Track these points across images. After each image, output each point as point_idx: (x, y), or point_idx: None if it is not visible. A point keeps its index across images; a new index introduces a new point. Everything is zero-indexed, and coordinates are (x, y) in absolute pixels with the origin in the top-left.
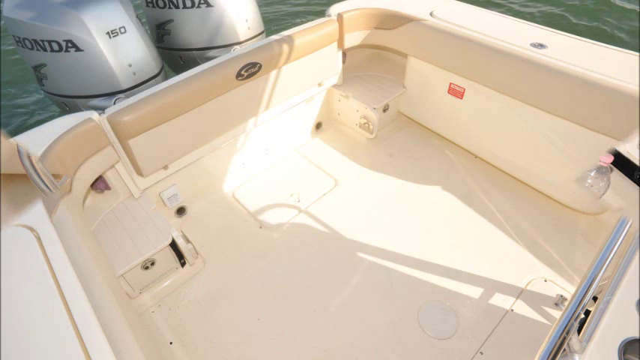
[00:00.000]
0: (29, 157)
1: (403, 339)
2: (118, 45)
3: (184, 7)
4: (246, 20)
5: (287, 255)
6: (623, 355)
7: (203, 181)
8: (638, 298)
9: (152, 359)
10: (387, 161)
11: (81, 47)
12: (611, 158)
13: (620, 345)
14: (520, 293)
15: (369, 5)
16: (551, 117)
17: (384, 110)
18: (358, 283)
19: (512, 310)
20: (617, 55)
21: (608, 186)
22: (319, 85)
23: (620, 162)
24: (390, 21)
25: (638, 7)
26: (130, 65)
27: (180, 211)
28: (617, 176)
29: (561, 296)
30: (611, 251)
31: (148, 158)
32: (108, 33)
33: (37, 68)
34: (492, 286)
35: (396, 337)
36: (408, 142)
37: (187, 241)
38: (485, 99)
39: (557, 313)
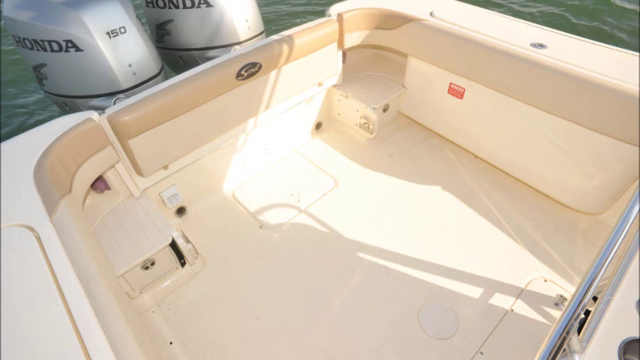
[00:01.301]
0: None
1: (403, 339)
2: (118, 45)
3: (184, 7)
4: (246, 20)
5: (287, 255)
6: (623, 355)
7: (203, 181)
8: (638, 298)
9: (152, 359)
10: (387, 161)
11: (81, 47)
12: None
13: (620, 345)
14: (520, 293)
15: (369, 5)
16: (551, 117)
17: (384, 110)
18: (358, 283)
19: (512, 310)
20: (617, 55)
21: None
22: (319, 85)
23: None
24: (390, 21)
25: (638, 7)
26: (130, 65)
27: (180, 211)
28: None
29: (561, 296)
30: (611, 251)
31: (147, 158)
32: (108, 33)
33: (37, 68)
34: (492, 286)
35: (396, 337)
36: (408, 142)
37: (187, 241)
38: (485, 99)
39: (557, 313)
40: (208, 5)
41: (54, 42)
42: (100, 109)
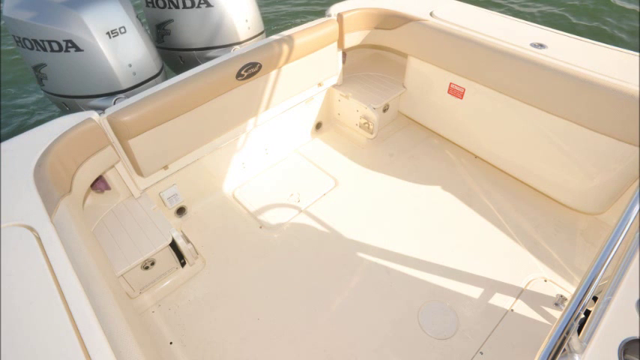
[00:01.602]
0: None
1: (403, 339)
2: (118, 45)
3: (184, 7)
4: (246, 20)
5: (287, 255)
6: (623, 355)
7: (203, 181)
8: (638, 298)
9: (152, 359)
10: (387, 161)
11: (81, 47)
12: None
13: (620, 345)
14: (520, 293)
15: (369, 5)
16: (551, 117)
17: (384, 110)
18: (358, 283)
19: (512, 310)
20: (617, 55)
21: None
22: (319, 85)
23: None
24: (390, 21)
25: (638, 7)
26: (130, 65)
27: (180, 211)
28: None
29: (561, 296)
30: (611, 251)
31: (147, 158)
32: (108, 33)
33: (37, 68)
34: (492, 286)
35: (396, 337)
36: (408, 142)
37: (187, 241)
38: (485, 99)
39: (557, 313)
40: (208, 5)
41: (54, 42)
42: (100, 109)
